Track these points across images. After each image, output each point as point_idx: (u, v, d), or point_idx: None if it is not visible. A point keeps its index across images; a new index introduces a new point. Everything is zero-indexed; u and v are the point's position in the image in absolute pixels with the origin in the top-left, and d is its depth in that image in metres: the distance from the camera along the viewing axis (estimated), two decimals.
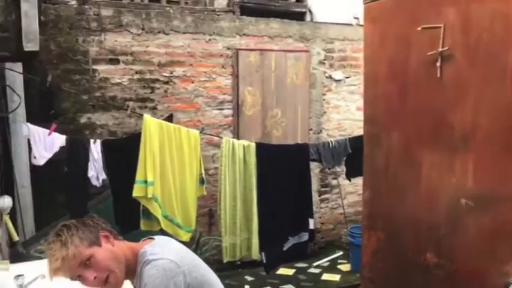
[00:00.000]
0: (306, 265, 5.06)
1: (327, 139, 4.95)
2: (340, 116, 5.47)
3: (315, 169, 5.22)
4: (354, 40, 5.38)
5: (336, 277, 4.81)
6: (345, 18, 5.36)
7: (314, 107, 5.32)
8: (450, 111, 2.38)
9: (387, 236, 2.79)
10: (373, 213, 2.90)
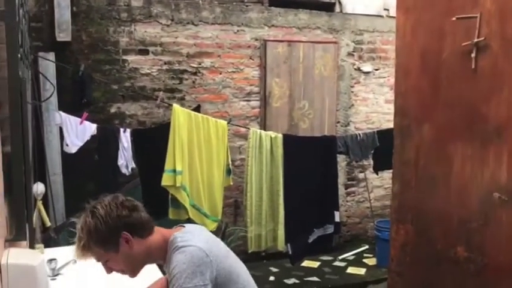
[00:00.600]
0: (331, 258, 5.04)
1: (355, 132, 4.92)
2: (368, 109, 5.41)
3: (342, 162, 5.18)
4: (384, 32, 5.30)
5: (362, 271, 4.78)
6: (375, 9, 5.29)
7: (342, 99, 5.27)
8: (484, 103, 2.33)
9: (416, 230, 2.76)
10: (402, 206, 2.86)
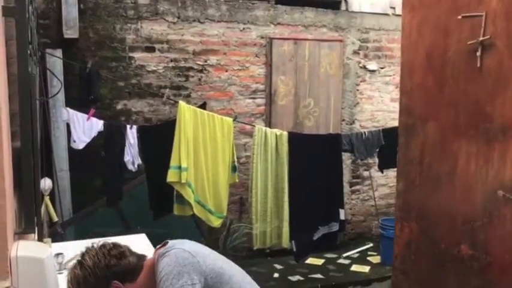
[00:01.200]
0: (336, 256, 5.05)
1: (360, 130, 4.92)
2: (373, 107, 5.41)
3: (347, 160, 5.19)
4: (390, 30, 5.30)
5: (366, 268, 4.79)
6: (381, 7, 5.29)
7: (347, 98, 5.28)
8: (489, 101, 2.34)
9: (420, 228, 2.77)
10: (406, 204, 2.87)
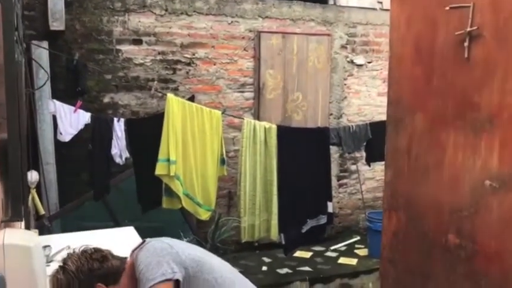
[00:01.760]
0: (323, 249, 5.08)
1: (347, 124, 4.94)
2: (360, 102, 5.44)
3: (334, 154, 5.21)
4: (377, 25, 5.33)
5: (353, 261, 4.83)
6: (369, 2, 5.31)
7: (335, 92, 5.30)
8: (476, 91, 2.36)
9: (408, 217, 2.79)
10: (394, 194, 2.90)
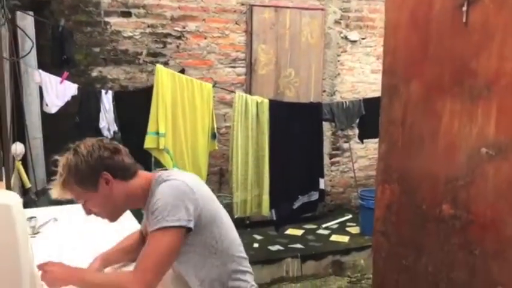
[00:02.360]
0: (315, 226, 5.05)
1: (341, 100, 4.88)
2: (354, 79, 5.37)
3: (327, 132, 5.16)
4: (371, 0, 5.24)
5: (345, 238, 4.80)
6: None
7: (328, 68, 5.22)
8: (474, 57, 2.30)
9: (402, 189, 2.74)
10: (388, 166, 2.84)
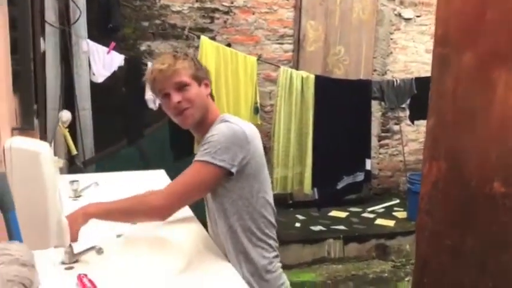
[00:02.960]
0: (360, 210, 4.92)
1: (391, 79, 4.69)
2: (407, 58, 5.15)
3: (376, 112, 4.99)
4: None
5: (391, 223, 4.65)
6: None
7: (380, 47, 5.03)
8: None
9: (449, 165, 2.57)
10: (436, 141, 2.67)
